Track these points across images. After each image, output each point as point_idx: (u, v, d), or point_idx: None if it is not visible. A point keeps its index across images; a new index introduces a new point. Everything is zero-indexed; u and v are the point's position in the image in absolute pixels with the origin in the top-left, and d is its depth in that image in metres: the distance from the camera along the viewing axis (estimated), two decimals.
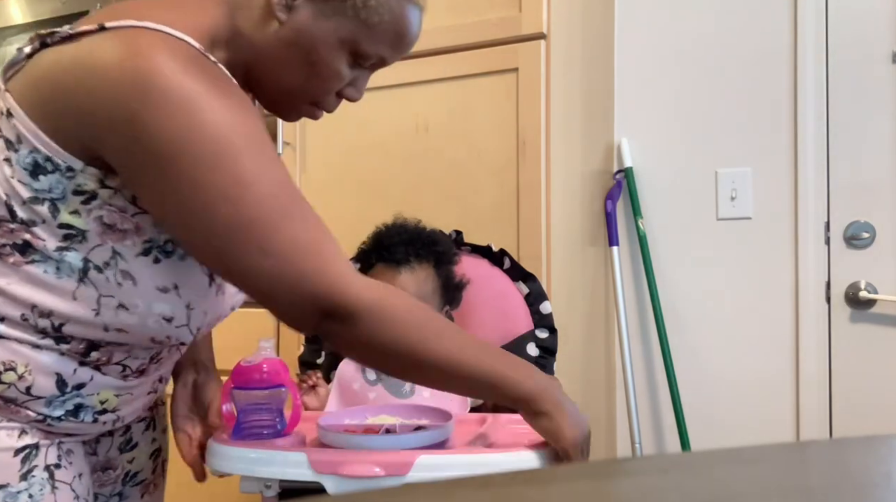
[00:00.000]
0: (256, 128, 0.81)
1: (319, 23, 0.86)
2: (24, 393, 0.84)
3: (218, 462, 0.93)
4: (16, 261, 0.81)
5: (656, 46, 1.79)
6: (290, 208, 0.81)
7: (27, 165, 0.80)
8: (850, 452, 0.49)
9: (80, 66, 0.78)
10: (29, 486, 0.85)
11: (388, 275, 1.21)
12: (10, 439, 0.85)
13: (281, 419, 0.97)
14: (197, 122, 0.76)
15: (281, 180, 0.81)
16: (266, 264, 0.79)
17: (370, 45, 0.88)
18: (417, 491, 0.42)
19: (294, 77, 0.89)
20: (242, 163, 0.78)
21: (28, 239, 0.81)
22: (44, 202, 0.80)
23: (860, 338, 1.64)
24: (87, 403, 0.89)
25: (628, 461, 0.74)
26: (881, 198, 1.62)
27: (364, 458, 0.88)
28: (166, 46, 0.78)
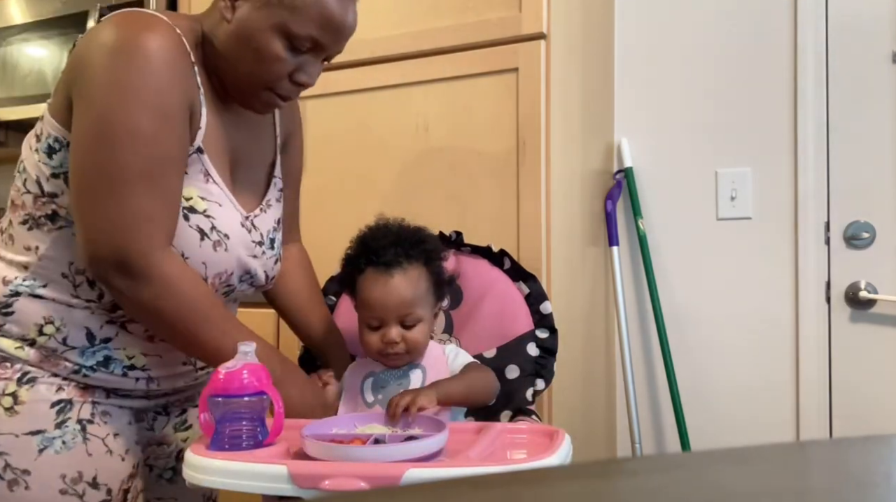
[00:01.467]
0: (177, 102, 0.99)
1: (255, 14, 1.02)
2: (62, 344, 1.02)
3: (194, 474, 0.89)
4: (49, 228, 1.02)
5: (656, 46, 1.79)
6: (154, 177, 0.96)
7: (45, 148, 1.01)
8: (850, 452, 0.49)
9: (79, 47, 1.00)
10: (62, 434, 1.01)
11: (381, 279, 1.18)
12: (49, 393, 1.01)
13: (262, 428, 0.94)
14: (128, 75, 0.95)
15: (165, 152, 0.97)
16: (107, 207, 0.95)
17: (298, 26, 1.02)
18: (416, 491, 0.42)
19: (245, 65, 1.05)
20: (141, 118, 0.95)
21: (55, 209, 1.01)
22: (59, 176, 1.00)
23: (860, 338, 1.64)
24: (115, 356, 1.05)
25: (628, 461, 0.74)
26: (881, 198, 1.62)
27: (349, 471, 0.83)
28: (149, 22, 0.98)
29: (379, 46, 1.72)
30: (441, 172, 1.67)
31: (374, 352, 1.19)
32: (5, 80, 2.21)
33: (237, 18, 1.04)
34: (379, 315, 1.17)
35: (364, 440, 0.96)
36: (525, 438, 1.04)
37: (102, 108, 0.95)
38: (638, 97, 1.80)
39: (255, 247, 1.15)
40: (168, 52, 0.98)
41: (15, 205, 1.06)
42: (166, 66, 0.98)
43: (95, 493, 1.03)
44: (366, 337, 1.19)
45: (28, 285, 1.02)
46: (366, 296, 1.18)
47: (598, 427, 1.75)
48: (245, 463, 0.88)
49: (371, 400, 1.19)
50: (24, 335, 1.02)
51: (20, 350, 1.02)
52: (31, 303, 1.02)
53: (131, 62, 0.95)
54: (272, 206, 1.22)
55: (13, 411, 1.00)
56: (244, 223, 1.13)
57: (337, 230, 1.67)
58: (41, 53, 2.16)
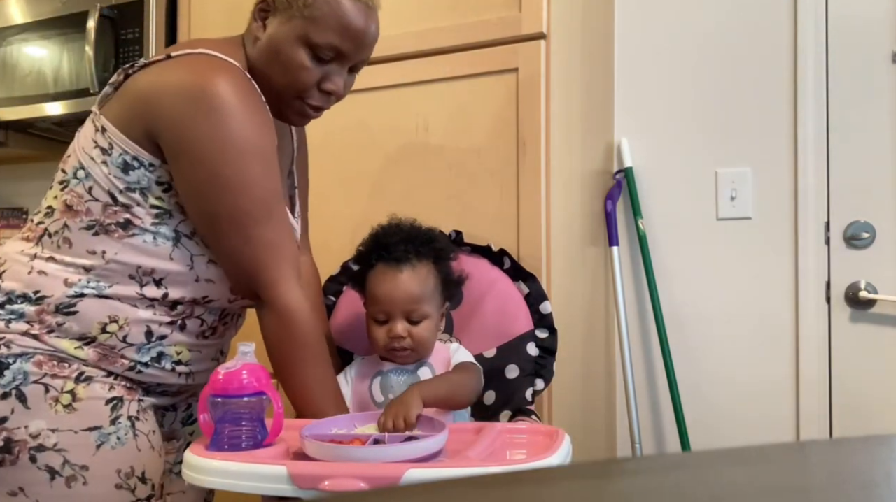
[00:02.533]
0: (270, 143, 1.10)
1: (281, 28, 1.12)
2: (122, 341, 1.08)
3: (194, 474, 0.89)
4: (119, 235, 1.08)
5: (656, 47, 1.79)
6: (273, 211, 1.09)
7: (119, 164, 1.07)
8: (850, 452, 0.49)
9: (153, 84, 1.08)
10: (116, 430, 1.06)
11: (390, 274, 1.20)
12: (103, 390, 1.07)
13: (262, 429, 0.94)
14: (228, 130, 1.05)
15: (274, 187, 1.10)
16: (243, 248, 1.08)
17: (319, 36, 1.10)
18: (416, 491, 0.42)
19: (276, 78, 1.13)
20: (250, 167, 1.06)
21: (128, 218, 1.08)
22: (135, 191, 1.08)
23: (860, 338, 1.63)
24: (166, 352, 1.12)
25: (628, 461, 0.74)
26: (881, 198, 1.62)
27: (349, 471, 0.84)
28: (222, 68, 1.07)
29: (379, 46, 1.72)
30: (441, 172, 1.67)
31: (381, 347, 1.20)
32: (5, 80, 2.21)
33: (267, 35, 1.13)
34: (386, 308, 1.19)
35: (363, 440, 0.96)
36: (525, 438, 1.04)
37: (213, 164, 1.05)
38: (638, 97, 1.79)
39: None
40: (252, 99, 1.09)
41: (76, 212, 1.09)
42: (257, 114, 1.09)
43: (144, 488, 1.08)
44: (373, 331, 1.20)
45: (94, 286, 1.07)
46: (374, 290, 1.20)
47: (598, 427, 1.75)
48: (244, 463, 0.88)
49: (381, 400, 1.20)
50: (84, 334, 1.07)
51: (79, 350, 1.07)
52: (96, 303, 1.07)
53: (227, 117, 1.05)
54: (299, 215, 1.32)
55: (71, 408, 1.03)
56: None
57: (337, 230, 1.67)
58: (41, 53, 2.16)
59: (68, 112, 2.11)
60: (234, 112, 1.05)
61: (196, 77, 1.05)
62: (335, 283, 1.46)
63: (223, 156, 1.05)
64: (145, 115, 1.07)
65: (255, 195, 1.07)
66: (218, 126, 1.04)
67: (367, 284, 1.23)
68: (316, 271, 1.41)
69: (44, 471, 1.01)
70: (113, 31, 2.05)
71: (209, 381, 0.94)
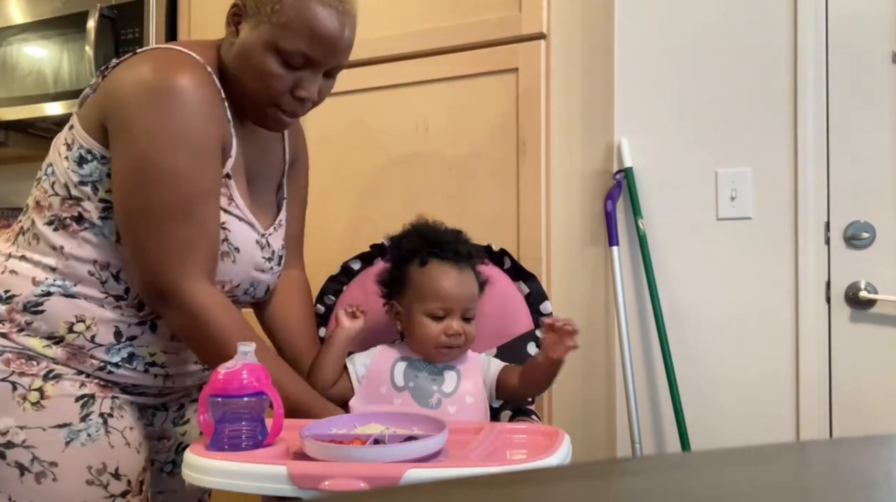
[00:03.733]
0: (210, 139, 1.06)
1: (251, 35, 1.09)
2: (90, 341, 1.08)
3: (194, 474, 0.89)
4: (74, 229, 1.08)
5: (656, 47, 1.79)
6: (191, 210, 1.04)
7: (76, 157, 1.08)
8: (850, 452, 0.49)
9: (114, 78, 1.08)
10: (87, 427, 1.06)
11: (453, 272, 1.21)
12: (73, 388, 1.07)
13: (262, 428, 0.94)
14: (165, 118, 1.02)
15: (202, 186, 1.06)
16: (149, 241, 1.04)
17: (287, 42, 1.07)
18: (416, 491, 0.42)
19: (248, 83, 1.11)
20: (179, 159, 1.03)
21: (80, 211, 1.08)
22: (87, 184, 1.07)
23: (860, 338, 1.63)
24: (138, 353, 1.11)
25: (628, 461, 0.74)
26: (881, 198, 1.62)
27: (349, 471, 0.84)
28: (179, 61, 1.06)
29: (379, 46, 1.72)
30: (441, 172, 1.67)
31: (433, 343, 1.20)
32: (5, 80, 2.21)
33: (239, 40, 1.10)
34: (448, 305, 1.20)
35: (363, 440, 0.96)
36: (525, 438, 1.04)
37: (142, 151, 1.03)
38: (638, 97, 1.79)
39: (265, 262, 1.21)
40: (202, 93, 1.06)
41: (41, 207, 1.11)
42: (201, 107, 1.05)
43: (118, 484, 1.08)
44: (426, 327, 1.20)
45: (60, 285, 1.07)
46: (436, 286, 1.20)
47: (598, 427, 1.75)
48: (244, 463, 0.88)
49: (402, 385, 1.20)
50: (52, 333, 1.07)
51: (48, 348, 1.07)
52: (63, 302, 1.07)
53: (168, 106, 1.03)
54: (283, 226, 1.28)
55: (39, 405, 1.04)
56: (259, 240, 1.19)
57: (337, 230, 1.67)
58: (41, 53, 2.16)
59: (68, 112, 2.10)
60: (177, 102, 1.03)
61: (150, 67, 1.05)
62: (335, 283, 1.45)
63: (152, 145, 1.02)
64: (101, 105, 1.07)
65: (177, 189, 1.03)
66: (157, 112, 1.02)
67: (420, 279, 1.22)
68: (306, 284, 1.39)
69: (14, 468, 1.02)
70: (113, 31, 2.05)
71: (209, 381, 0.94)
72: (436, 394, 1.18)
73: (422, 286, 1.21)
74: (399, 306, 1.25)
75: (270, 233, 1.22)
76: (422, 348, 1.22)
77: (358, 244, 1.48)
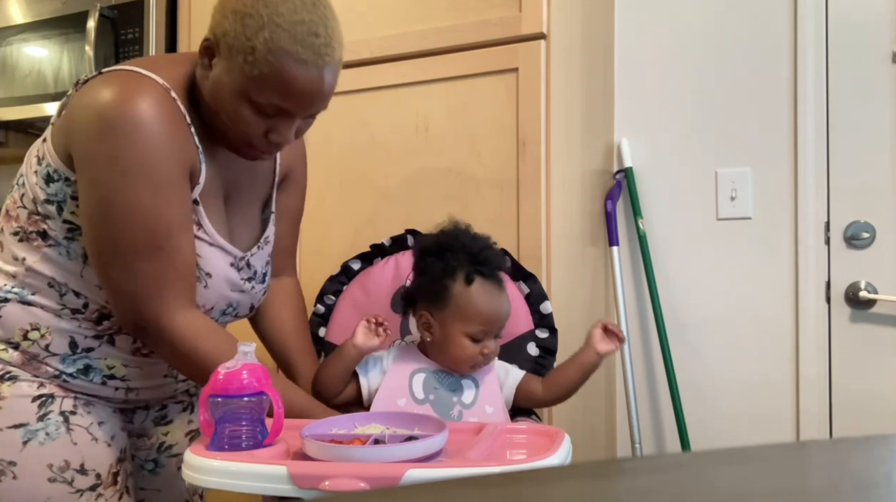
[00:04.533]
0: (173, 171, 1.02)
1: (223, 77, 1.02)
2: (44, 350, 1.07)
3: (194, 474, 0.89)
4: (38, 244, 1.07)
5: (656, 47, 1.79)
6: (160, 245, 1.02)
7: (44, 175, 1.05)
8: (850, 452, 0.49)
9: (77, 99, 1.03)
10: (45, 426, 1.06)
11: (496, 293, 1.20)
12: (30, 389, 1.07)
13: (262, 429, 0.94)
14: (123, 154, 0.98)
15: (167, 220, 1.02)
16: (122, 278, 1.02)
17: (259, 95, 1.01)
18: (417, 491, 0.42)
19: (220, 121, 1.06)
20: (141, 196, 1.00)
21: (45, 229, 1.06)
22: (53, 203, 1.05)
23: (860, 338, 1.63)
24: (95, 365, 1.10)
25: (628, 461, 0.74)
26: (881, 198, 1.62)
27: (349, 471, 0.84)
28: (138, 88, 1.01)
29: (379, 46, 1.72)
30: (441, 172, 1.67)
31: (467, 362, 1.19)
32: (5, 80, 2.21)
33: (212, 77, 1.04)
34: (490, 328, 1.18)
35: (364, 440, 0.96)
36: (525, 438, 1.04)
37: (103, 188, 1.00)
38: (638, 97, 1.79)
39: (245, 283, 1.18)
40: (161, 121, 1.00)
41: (9, 216, 1.10)
42: (160, 137, 1.00)
43: (84, 479, 1.08)
44: (464, 348, 1.17)
45: (17, 292, 1.07)
46: (481, 309, 1.17)
47: (598, 427, 1.75)
48: (245, 463, 0.88)
49: (422, 397, 1.18)
50: (8, 338, 1.07)
51: (4, 352, 1.07)
52: (18, 310, 1.07)
53: (125, 138, 0.98)
54: (269, 243, 1.24)
55: None
56: (235, 263, 1.15)
57: (336, 230, 1.67)
58: (41, 53, 2.16)
59: None
60: (134, 134, 0.98)
61: (108, 95, 0.99)
62: (335, 283, 1.45)
63: (112, 182, 0.99)
64: (65, 128, 1.04)
65: (142, 226, 1.00)
66: (113, 146, 0.98)
67: (465, 299, 1.17)
68: (298, 289, 1.36)
69: None
70: (113, 31, 2.05)
71: (209, 381, 0.94)
72: (457, 407, 1.17)
73: (466, 306, 1.17)
74: (433, 319, 1.19)
75: (253, 253, 1.18)
76: (452, 362, 1.20)
77: (358, 244, 1.49)
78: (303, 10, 1.00)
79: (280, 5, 0.99)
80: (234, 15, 1.00)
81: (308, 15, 1.00)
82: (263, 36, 0.98)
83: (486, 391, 1.20)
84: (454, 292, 1.17)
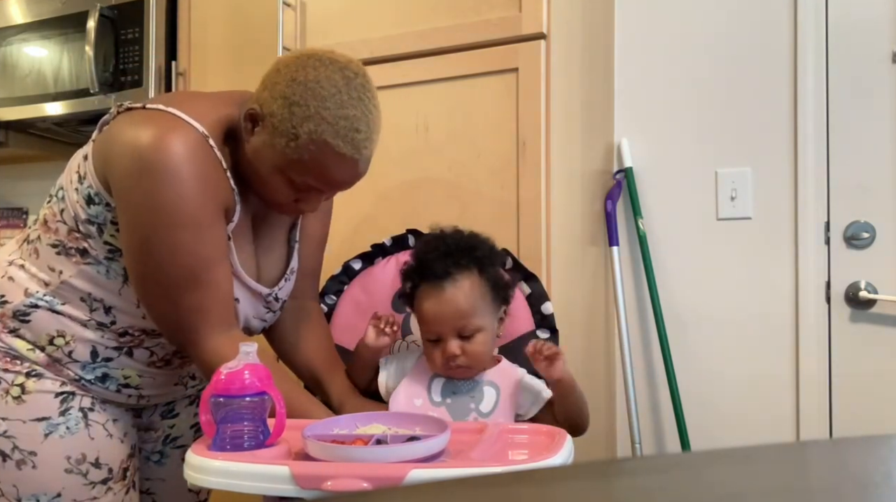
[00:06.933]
0: (208, 211, 1.07)
1: (264, 150, 1.08)
2: (67, 356, 1.13)
3: (195, 475, 0.89)
4: (77, 261, 1.11)
5: (656, 46, 1.79)
6: (198, 278, 1.07)
7: (85, 195, 1.10)
8: (850, 452, 0.49)
9: (117, 133, 1.08)
10: (66, 420, 1.13)
11: (433, 293, 1.17)
12: (53, 386, 1.13)
13: (264, 429, 0.94)
14: (161, 197, 1.03)
15: (205, 255, 1.07)
16: (165, 309, 1.09)
17: (297, 175, 1.08)
18: (417, 491, 0.42)
19: (255, 183, 1.13)
20: (180, 235, 1.05)
21: (86, 247, 1.11)
22: (94, 224, 1.10)
23: (860, 338, 1.64)
24: (112, 374, 1.16)
25: (628, 461, 0.74)
26: (881, 198, 1.62)
27: (351, 472, 0.84)
28: (175, 130, 1.05)
29: (379, 46, 1.72)
30: (441, 172, 1.67)
31: (439, 366, 1.18)
32: (5, 80, 2.21)
33: (252, 144, 1.10)
34: (436, 329, 1.17)
35: (366, 440, 0.96)
36: (527, 438, 1.03)
37: (142, 228, 1.05)
38: (638, 97, 1.80)
39: (266, 312, 1.24)
40: (196, 165, 1.05)
41: (48, 227, 1.14)
42: (196, 180, 1.05)
43: (98, 472, 1.15)
44: (429, 352, 1.19)
45: (48, 301, 1.13)
46: (422, 311, 1.18)
47: (598, 427, 1.75)
48: (247, 463, 0.88)
49: (438, 400, 1.18)
50: (35, 341, 1.13)
51: (31, 352, 1.13)
52: (48, 316, 1.13)
53: (163, 182, 1.03)
54: (295, 273, 1.28)
55: (20, 400, 1.11)
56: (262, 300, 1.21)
57: (337, 229, 1.66)
58: (41, 53, 2.16)
59: (68, 112, 2.11)
60: (170, 178, 1.03)
61: (146, 137, 1.04)
62: (336, 282, 1.46)
63: (152, 223, 1.04)
64: (104, 156, 1.08)
65: (181, 263, 1.06)
66: (152, 191, 1.03)
67: (416, 306, 1.20)
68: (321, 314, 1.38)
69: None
70: (113, 31, 2.05)
71: (211, 381, 0.94)
72: (472, 414, 1.17)
73: (417, 312, 1.21)
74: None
75: (281, 286, 1.24)
76: (437, 371, 1.20)
77: (359, 243, 1.48)
78: (349, 106, 1.07)
79: (328, 100, 1.05)
80: (284, 101, 1.06)
81: (353, 111, 1.07)
82: (309, 127, 1.04)
83: (506, 402, 1.18)
84: (413, 301, 1.21)
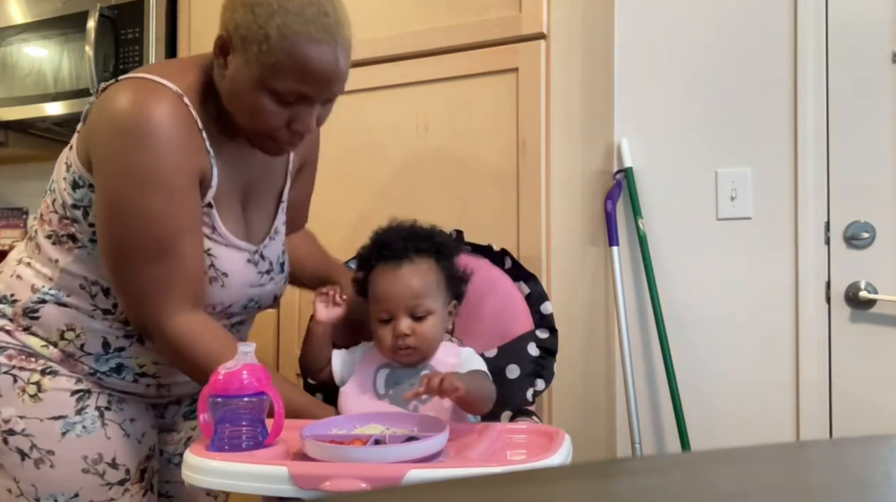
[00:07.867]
0: (182, 177, 1.05)
1: (240, 72, 1.05)
2: (79, 349, 1.13)
3: (194, 475, 0.89)
4: (69, 247, 1.12)
5: (656, 47, 1.79)
6: (165, 249, 1.05)
7: (71, 181, 1.10)
8: (850, 452, 0.49)
9: (98, 107, 1.07)
10: (82, 419, 1.12)
11: (389, 271, 1.19)
12: (69, 383, 1.13)
13: (262, 429, 0.94)
14: (133, 160, 1.02)
15: (173, 227, 1.05)
16: (127, 278, 1.07)
17: (279, 82, 1.04)
18: (417, 491, 0.42)
19: (242, 117, 1.09)
20: (149, 201, 1.03)
21: (73, 232, 1.11)
22: (79, 208, 1.10)
23: (860, 338, 1.63)
24: (126, 364, 1.15)
25: (628, 461, 0.74)
26: (881, 198, 1.62)
27: (350, 472, 0.84)
28: (150, 94, 1.04)
29: (379, 46, 1.72)
30: (441, 172, 1.67)
31: (387, 347, 1.19)
32: (5, 80, 2.21)
33: (228, 75, 1.07)
34: (388, 306, 1.18)
35: (364, 441, 0.96)
36: (525, 438, 1.04)
37: (114, 192, 1.04)
38: (638, 97, 1.80)
39: (262, 276, 1.21)
40: (173, 128, 1.04)
41: (43, 220, 1.15)
42: (172, 144, 1.04)
43: (115, 473, 1.14)
44: (379, 332, 1.19)
45: (53, 294, 1.12)
46: (376, 289, 1.19)
47: (598, 427, 1.75)
48: (245, 463, 0.88)
49: (382, 393, 1.19)
50: (47, 337, 1.13)
51: (45, 348, 1.13)
52: (56, 310, 1.12)
53: (137, 145, 1.02)
54: (279, 232, 1.28)
55: (37, 398, 1.11)
56: (252, 258, 1.19)
57: (337, 230, 1.67)
58: (41, 53, 2.16)
59: (68, 112, 2.11)
60: (146, 141, 1.02)
61: (123, 102, 1.03)
62: None
63: (122, 186, 1.03)
64: (87, 135, 1.09)
65: (149, 231, 1.04)
66: (126, 152, 1.02)
67: (370, 285, 1.22)
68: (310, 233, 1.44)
69: (15, 453, 1.10)
70: (113, 31, 2.05)
71: (210, 381, 0.94)
72: (412, 401, 1.16)
73: (371, 291, 1.21)
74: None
75: (266, 244, 1.21)
76: (384, 354, 1.20)
77: (358, 244, 1.48)
78: None
79: None
80: (244, 7, 1.03)
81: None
82: (275, 22, 1.01)
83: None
84: (367, 284, 1.22)
